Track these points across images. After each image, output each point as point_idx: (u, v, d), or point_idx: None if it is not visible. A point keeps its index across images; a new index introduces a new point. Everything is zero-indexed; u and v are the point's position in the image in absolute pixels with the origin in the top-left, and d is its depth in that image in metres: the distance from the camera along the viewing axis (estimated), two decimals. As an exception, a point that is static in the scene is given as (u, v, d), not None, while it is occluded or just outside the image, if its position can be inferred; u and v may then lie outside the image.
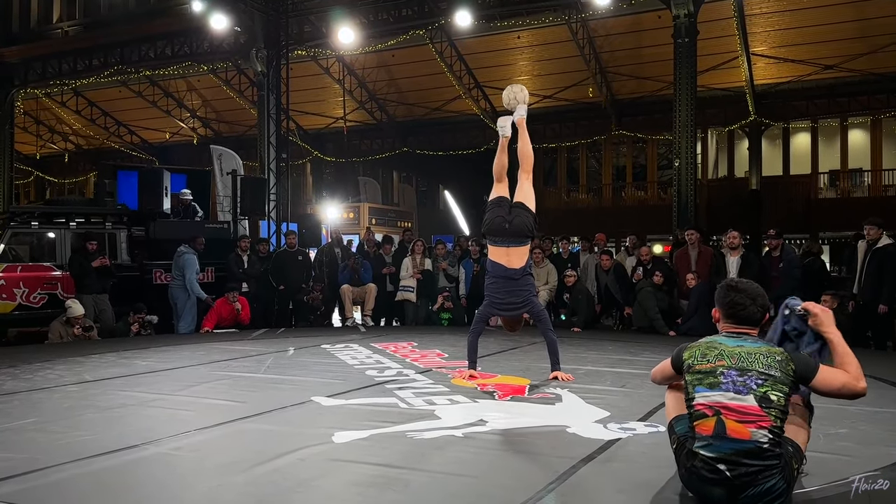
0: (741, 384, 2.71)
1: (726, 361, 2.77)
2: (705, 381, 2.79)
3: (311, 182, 28.22)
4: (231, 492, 2.99)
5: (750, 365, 2.74)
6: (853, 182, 22.01)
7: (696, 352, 2.88)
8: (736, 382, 2.72)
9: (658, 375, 3.19)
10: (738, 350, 2.79)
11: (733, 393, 2.71)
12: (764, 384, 2.70)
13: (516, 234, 5.57)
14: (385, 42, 18.80)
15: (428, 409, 4.57)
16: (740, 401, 2.70)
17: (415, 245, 11.44)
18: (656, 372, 3.21)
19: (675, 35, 13.39)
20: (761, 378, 2.71)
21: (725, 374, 2.75)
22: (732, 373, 2.74)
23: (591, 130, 22.59)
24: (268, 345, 8.13)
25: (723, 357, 2.79)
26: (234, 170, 14.59)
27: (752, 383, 2.71)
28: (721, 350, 2.82)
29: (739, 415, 2.69)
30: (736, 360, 2.76)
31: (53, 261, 10.50)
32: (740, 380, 2.72)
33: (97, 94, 25.04)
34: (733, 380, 2.73)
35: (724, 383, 2.74)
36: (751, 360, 2.75)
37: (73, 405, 4.79)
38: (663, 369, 3.11)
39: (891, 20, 16.73)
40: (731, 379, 2.73)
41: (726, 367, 2.76)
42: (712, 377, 2.77)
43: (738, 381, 2.72)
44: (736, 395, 2.71)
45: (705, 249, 9.90)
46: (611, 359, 6.97)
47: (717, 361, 2.79)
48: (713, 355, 2.82)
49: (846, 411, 4.31)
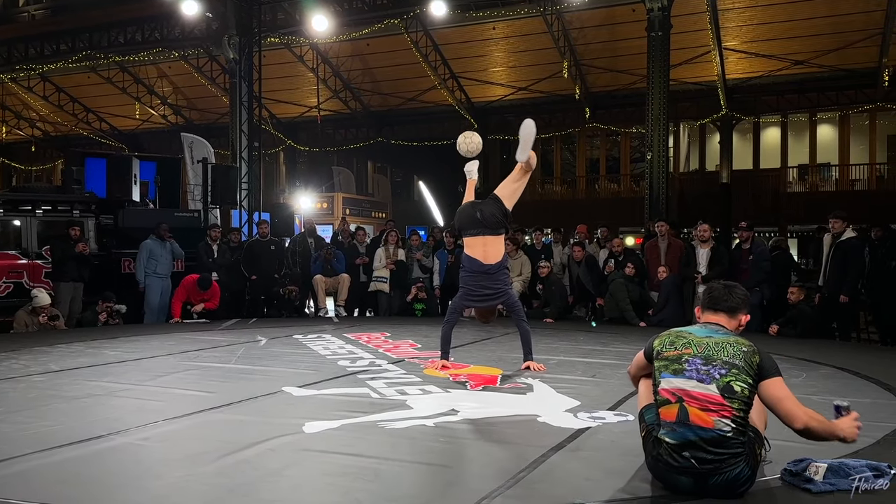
0: (705, 373, 2.76)
1: (692, 350, 2.83)
2: (670, 367, 2.85)
3: (284, 171, 27.98)
4: (200, 482, 2.97)
5: (715, 354, 2.78)
6: (821, 176, 22.39)
7: (666, 339, 2.94)
8: (700, 371, 2.76)
9: (633, 368, 3.25)
10: (705, 340, 2.84)
11: (696, 381, 2.75)
12: (727, 374, 2.73)
13: (488, 223, 5.57)
14: (360, 31, 18.66)
15: (400, 398, 4.58)
16: (703, 389, 2.74)
17: (388, 235, 11.41)
18: (632, 367, 3.26)
19: (649, 28, 13.49)
20: (724, 368, 2.74)
21: (690, 361, 2.80)
22: (697, 361, 2.78)
23: (566, 123, 22.71)
24: (239, 335, 8.07)
25: (690, 346, 2.85)
26: (205, 158, 14.39)
27: (716, 373, 2.75)
28: (689, 339, 2.88)
29: (702, 403, 2.73)
30: (702, 349, 2.81)
31: (19, 249, 10.31)
32: (704, 368, 2.76)
33: (65, 79, 24.52)
34: (697, 368, 2.77)
35: (688, 370, 2.79)
36: (716, 350, 2.80)
37: (39, 395, 4.72)
38: (637, 361, 3.17)
39: (861, 17, 17.01)
40: (696, 367, 2.78)
41: (692, 355, 2.81)
42: (677, 364, 2.83)
43: (701, 369, 2.77)
44: (699, 383, 2.75)
45: (675, 241, 10.01)
46: (582, 349, 7.03)
47: (684, 349, 2.85)
48: (681, 343, 2.88)
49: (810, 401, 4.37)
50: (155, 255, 10.22)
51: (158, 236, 10.33)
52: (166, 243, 10.38)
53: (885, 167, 21.71)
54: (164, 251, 10.33)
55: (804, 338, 8.04)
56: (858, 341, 9.13)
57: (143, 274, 10.13)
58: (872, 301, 9.09)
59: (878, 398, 4.80)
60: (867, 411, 4.36)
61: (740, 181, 21.72)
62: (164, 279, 10.33)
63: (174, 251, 10.49)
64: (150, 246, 10.22)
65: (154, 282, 10.21)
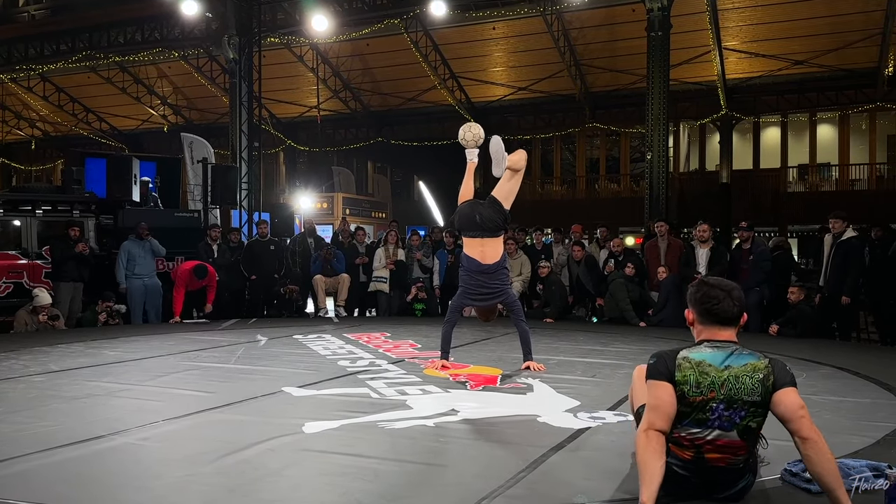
0: (727, 419, 2.61)
1: (716, 393, 2.61)
2: (693, 416, 2.63)
3: (283, 171, 27.97)
4: (200, 482, 2.97)
5: (736, 394, 2.60)
6: (821, 176, 22.38)
7: (690, 377, 2.62)
8: (722, 417, 2.61)
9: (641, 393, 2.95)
10: (725, 374, 2.62)
11: (719, 430, 2.62)
12: (747, 415, 2.61)
13: (487, 226, 5.57)
14: (360, 31, 18.67)
15: (400, 399, 4.57)
16: (725, 437, 2.62)
17: (388, 235, 11.41)
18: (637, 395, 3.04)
19: (649, 28, 13.48)
20: (745, 409, 2.60)
21: (714, 409, 2.61)
22: (720, 407, 2.61)
23: (566, 123, 22.71)
24: (239, 335, 8.07)
25: (713, 387, 2.61)
26: (205, 158, 14.39)
27: (737, 417, 2.61)
28: (712, 379, 2.61)
29: (721, 448, 2.64)
30: (725, 390, 2.60)
31: (19, 249, 10.30)
32: (727, 414, 2.61)
33: (65, 79, 24.53)
34: (720, 415, 2.61)
35: (711, 419, 2.62)
36: (737, 387, 2.60)
37: (39, 395, 4.72)
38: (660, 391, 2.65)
39: (860, 17, 17.02)
40: (719, 414, 2.61)
41: (716, 399, 2.61)
42: (701, 413, 2.62)
43: (724, 415, 2.61)
44: (721, 431, 2.62)
45: (674, 241, 10.01)
46: (582, 349, 7.02)
47: (709, 393, 2.61)
48: (706, 385, 2.61)
49: (811, 400, 4.38)
50: (133, 256, 10.02)
51: (137, 235, 10.17)
52: (145, 242, 10.17)
53: (884, 167, 21.71)
54: (142, 251, 10.11)
55: (804, 338, 8.04)
56: (858, 341, 9.12)
57: (122, 275, 9.97)
58: (872, 301, 9.09)
59: (878, 398, 4.80)
60: (867, 411, 4.38)
61: (740, 181, 21.72)
62: (144, 279, 10.10)
63: (154, 250, 10.24)
64: (127, 247, 10.06)
65: (133, 283, 10.02)
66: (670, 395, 2.61)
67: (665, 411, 2.60)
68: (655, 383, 2.64)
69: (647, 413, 2.64)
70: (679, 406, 2.61)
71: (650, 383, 2.66)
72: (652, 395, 2.65)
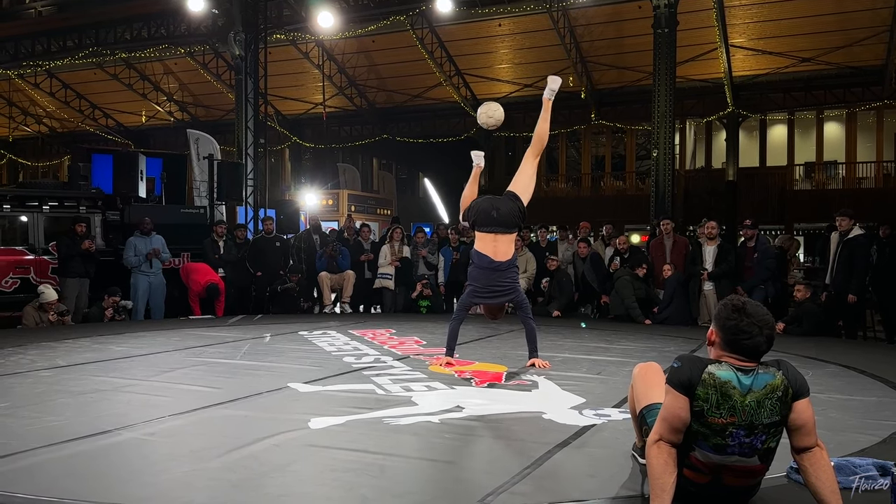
0: (747, 446, 2.50)
1: (737, 418, 2.47)
2: (712, 439, 2.50)
3: (289, 168, 28.00)
4: (205, 477, 2.98)
5: (757, 418, 2.48)
6: (828, 174, 22.30)
7: (712, 396, 2.47)
8: (742, 444, 2.50)
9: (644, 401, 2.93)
10: (748, 399, 2.47)
11: (738, 456, 2.52)
12: (767, 438, 2.52)
13: (505, 221, 5.55)
14: (365, 27, 18.65)
15: (405, 395, 4.58)
16: (744, 462, 2.53)
17: (392, 232, 11.42)
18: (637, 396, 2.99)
19: (655, 25, 13.43)
20: (765, 432, 2.50)
21: (734, 434, 2.49)
22: (741, 433, 2.49)
23: (571, 120, 22.62)
24: (244, 331, 8.09)
25: (734, 412, 2.47)
26: (210, 154, 14.39)
27: (758, 442, 2.51)
28: (734, 403, 2.46)
29: (739, 473, 2.57)
30: (746, 415, 2.47)
31: (26, 244, 10.34)
32: (747, 441, 2.50)
33: (72, 75, 24.58)
34: (740, 441, 2.50)
35: (730, 446, 2.50)
36: (758, 412, 2.47)
37: (46, 390, 4.73)
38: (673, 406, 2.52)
39: (868, 14, 16.91)
40: (739, 440, 2.49)
41: (735, 425, 2.48)
42: (720, 438, 2.49)
43: (744, 442, 2.50)
44: (741, 457, 2.52)
45: (680, 239, 10.00)
46: (587, 346, 7.02)
47: (729, 417, 2.47)
48: (726, 409, 2.47)
49: (817, 399, 4.36)
50: (139, 252, 10.07)
51: (142, 231, 10.22)
52: (150, 239, 10.20)
53: (892, 165, 21.59)
54: (148, 247, 10.13)
55: (810, 335, 8.02)
56: (864, 339, 9.10)
57: (131, 262, 10.05)
58: (879, 299, 9.06)
59: (884, 396, 4.79)
60: (874, 409, 4.37)
61: (746, 179, 21.64)
62: (150, 276, 10.13)
63: (155, 245, 10.22)
64: (133, 242, 10.13)
65: (137, 279, 10.07)
66: (685, 409, 2.49)
67: (676, 426, 2.50)
68: (673, 392, 2.51)
69: (660, 423, 2.55)
70: (696, 424, 2.49)
71: (668, 388, 2.53)
72: (667, 405, 2.54)
